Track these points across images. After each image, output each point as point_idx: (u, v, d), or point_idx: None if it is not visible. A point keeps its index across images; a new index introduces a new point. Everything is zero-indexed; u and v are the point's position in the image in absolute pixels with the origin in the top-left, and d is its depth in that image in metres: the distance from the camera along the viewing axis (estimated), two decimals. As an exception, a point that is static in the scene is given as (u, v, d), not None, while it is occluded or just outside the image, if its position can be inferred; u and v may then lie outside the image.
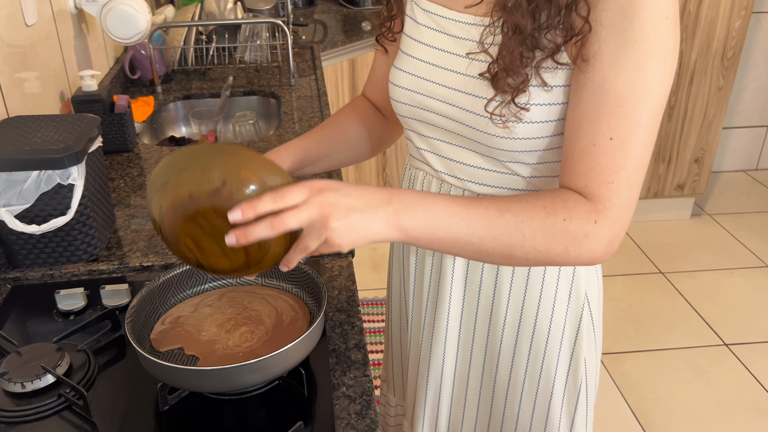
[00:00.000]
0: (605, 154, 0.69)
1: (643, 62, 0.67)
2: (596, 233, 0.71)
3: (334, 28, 2.56)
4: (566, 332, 0.91)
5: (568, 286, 0.89)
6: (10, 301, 1.03)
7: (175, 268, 0.92)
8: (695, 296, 2.60)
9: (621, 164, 0.69)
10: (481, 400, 1.00)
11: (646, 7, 0.66)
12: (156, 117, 1.83)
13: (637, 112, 0.68)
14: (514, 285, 0.89)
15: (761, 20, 3.19)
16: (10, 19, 1.25)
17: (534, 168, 0.80)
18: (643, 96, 0.68)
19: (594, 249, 0.72)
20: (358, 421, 0.79)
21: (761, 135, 3.50)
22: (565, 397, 0.95)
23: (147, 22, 1.64)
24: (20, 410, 0.80)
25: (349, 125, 0.98)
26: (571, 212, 0.71)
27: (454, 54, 0.80)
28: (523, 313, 0.90)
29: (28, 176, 1.00)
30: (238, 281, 0.97)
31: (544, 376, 0.93)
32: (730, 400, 2.12)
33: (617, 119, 0.68)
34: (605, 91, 0.68)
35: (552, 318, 0.90)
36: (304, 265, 0.92)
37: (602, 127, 0.69)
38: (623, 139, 0.69)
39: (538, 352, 0.92)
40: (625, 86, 0.68)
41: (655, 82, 0.68)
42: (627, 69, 0.67)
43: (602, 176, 0.70)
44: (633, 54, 0.67)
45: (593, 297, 0.92)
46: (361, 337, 0.93)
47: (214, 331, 0.86)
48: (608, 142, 0.69)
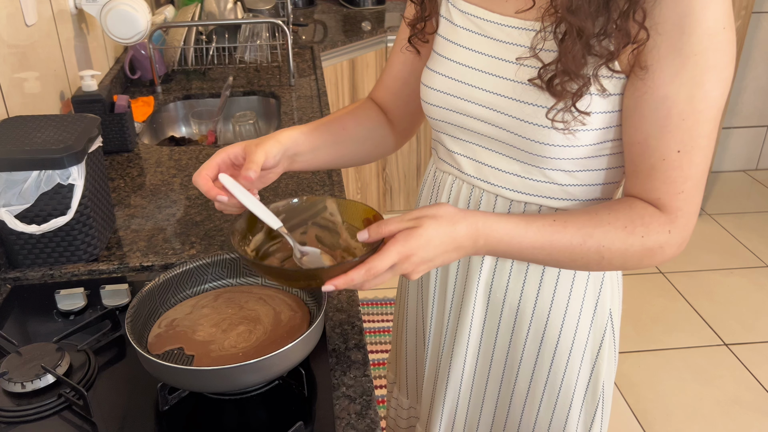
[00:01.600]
0: (674, 168, 0.72)
1: (702, 76, 0.68)
2: (670, 242, 0.74)
3: (334, 28, 2.56)
4: (588, 348, 0.90)
5: (593, 301, 0.88)
6: (10, 301, 1.03)
7: (175, 269, 0.92)
8: (695, 296, 2.60)
9: (689, 174, 0.72)
10: (498, 411, 0.98)
11: (704, 21, 0.66)
12: (156, 117, 1.83)
13: (701, 123, 0.70)
14: (540, 297, 0.87)
15: (761, 20, 3.19)
16: (10, 19, 1.25)
17: (572, 176, 0.80)
18: (705, 108, 0.69)
19: (666, 256, 0.76)
20: (358, 421, 0.79)
21: (761, 135, 3.50)
22: (583, 412, 0.94)
23: (147, 22, 1.65)
24: (20, 410, 0.80)
25: (350, 123, 0.96)
26: (649, 227, 0.74)
27: (497, 58, 0.78)
28: (548, 325, 0.88)
29: (28, 176, 1.00)
30: (237, 281, 0.97)
31: (563, 389, 0.92)
32: (730, 400, 2.12)
33: (682, 133, 0.70)
34: (668, 108, 0.69)
35: (576, 332, 0.89)
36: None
37: (669, 142, 0.71)
38: (689, 151, 0.71)
39: (560, 365, 0.90)
40: (687, 101, 0.69)
41: (714, 92, 0.69)
42: (687, 84, 0.68)
43: (673, 188, 0.73)
44: (692, 68, 0.67)
45: (616, 314, 0.91)
46: (361, 337, 0.93)
47: (210, 331, 0.86)
48: (676, 156, 0.71)
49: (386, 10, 2.82)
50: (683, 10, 0.66)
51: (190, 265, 0.93)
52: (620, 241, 0.74)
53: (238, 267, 0.96)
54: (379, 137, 0.98)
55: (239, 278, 0.97)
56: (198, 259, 0.94)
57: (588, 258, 0.76)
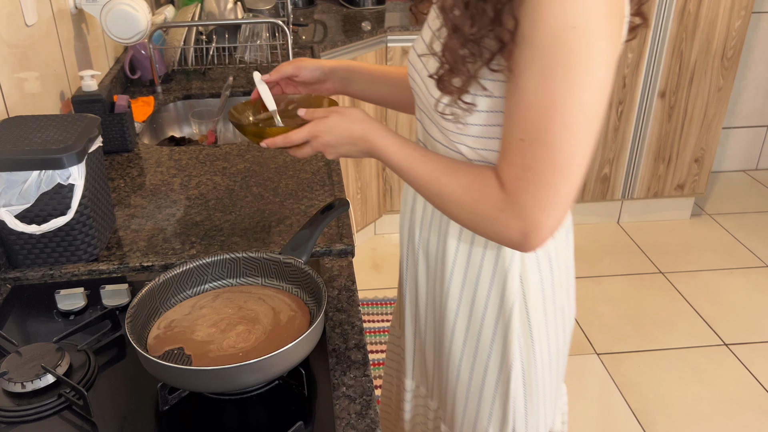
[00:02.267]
0: (516, 153, 0.75)
1: (549, 72, 0.69)
2: (501, 221, 0.78)
3: (334, 28, 2.56)
4: (501, 316, 0.94)
5: (503, 274, 0.92)
6: (10, 301, 1.03)
7: (175, 269, 0.92)
8: (695, 296, 2.60)
9: (530, 165, 0.74)
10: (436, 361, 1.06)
11: (550, 17, 0.67)
12: (156, 117, 1.83)
13: (546, 119, 0.71)
14: (457, 260, 0.94)
15: (761, 20, 3.19)
16: (10, 19, 1.25)
17: (476, 153, 0.85)
18: (550, 105, 0.71)
19: (503, 235, 0.79)
20: (358, 421, 0.79)
21: (761, 135, 3.50)
22: (499, 388, 0.98)
23: (147, 22, 1.65)
24: (20, 410, 0.80)
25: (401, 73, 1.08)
26: (484, 196, 0.79)
27: (426, 44, 0.88)
28: (464, 285, 0.95)
29: (29, 176, 1.00)
30: (238, 281, 0.97)
31: (480, 352, 0.98)
32: (730, 400, 2.12)
33: (525, 123, 0.73)
34: (519, 96, 0.73)
35: (488, 298, 0.94)
36: (304, 265, 0.92)
37: (515, 128, 0.74)
38: (532, 142, 0.73)
39: (475, 327, 0.96)
40: (534, 93, 0.71)
41: (564, 91, 0.70)
42: (535, 76, 0.70)
43: (513, 172, 0.76)
44: (539, 61, 0.70)
45: (531, 288, 0.93)
46: (361, 337, 0.93)
47: (209, 331, 0.86)
48: (519, 143, 0.74)
49: (386, 10, 2.82)
50: (534, 4, 0.68)
51: (190, 265, 0.93)
52: (456, 195, 0.82)
53: (239, 267, 0.96)
54: None
55: (239, 278, 0.97)
56: (198, 259, 0.94)
57: (433, 200, 0.86)
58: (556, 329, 0.98)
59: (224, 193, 1.32)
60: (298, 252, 0.95)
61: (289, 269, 0.94)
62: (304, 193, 1.31)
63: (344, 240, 1.14)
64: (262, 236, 1.16)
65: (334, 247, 1.13)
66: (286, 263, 0.94)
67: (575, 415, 2.06)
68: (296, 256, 0.94)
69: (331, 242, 1.14)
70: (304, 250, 0.96)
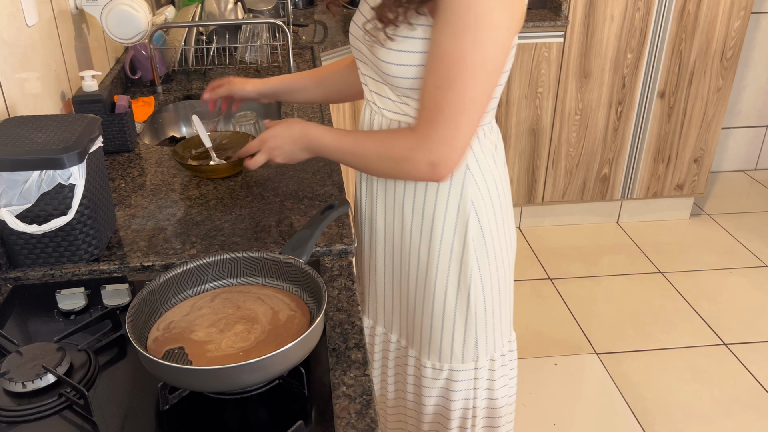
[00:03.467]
0: (430, 99, 0.92)
1: (459, 32, 0.86)
2: (413, 158, 0.95)
3: (334, 29, 2.56)
4: (455, 240, 1.09)
5: (456, 199, 1.07)
6: (10, 300, 1.03)
7: (176, 268, 0.92)
8: (695, 296, 2.61)
9: (441, 108, 0.91)
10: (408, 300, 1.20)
11: None
12: (156, 117, 1.83)
13: (456, 70, 0.88)
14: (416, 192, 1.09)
15: (761, 20, 3.19)
16: (11, 20, 1.25)
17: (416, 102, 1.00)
18: (461, 58, 0.87)
19: (415, 171, 0.97)
20: (358, 420, 0.79)
21: (760, 135, 3.50)
22: (459, 296, 1.13)
23: (147, 23, 1.65)
24: (21, 410, 0.80)
25: (332, 66, 1.29)
26: (396, 142, 0.97)
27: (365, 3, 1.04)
28: (423, 218, 1.10)
29: (29, 176, 1.00)
30: (238, 281, 0.97)
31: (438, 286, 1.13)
32: (730, 400, 2.12)
33: (439, 73, 0.89)
34: (434, 50, 0.89)
35: (443, 226, 1.09)
36: (304, 264, 0.93)
37: (430, 77, 0.91)
38: (443, 89, 0.89)
39: (432, 260, 1.12)
40: (447, 49, 0.88)
41: (471, 48, 0.86)
42: (447, 35, 0.87)
43: (425, 114, 0.93)
44: (452, 24, 0.86)
45: (482, 210, 1.08)
46: (361, 337, 0.93)
47: (208, 331, 0.86)
48: (433, 90, 0.91)
49: (386, 11, 2.82)
50: None
51: (190, 264, 0.93)
52: (374, 149, 0.99)
53: (239, 267, 0.96)
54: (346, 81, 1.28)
55: (240, 278, 0.97)
56: (198, 259, 0.94)
57: (357, 162, 1.04)
58: (503, 249, 1.14)
59: (224, 193, 1.32)
60: (298, 252, 0.95)
61: (290, 269, 0.94)
62: (304, 193, 1.31)
63: (344, 240, 1.15)
64: (262, 236, 1.16)
65: (334, 247, 1.13)
66: (287, 263, 0.94)
67: (574, 415, 2.06)
68: (296, 256, 0.94)
69: (331, 242, 1.14)
70: (304, 250, 0.96)
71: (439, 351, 1.18)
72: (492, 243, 1.11)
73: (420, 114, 0.94)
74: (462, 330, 1.15)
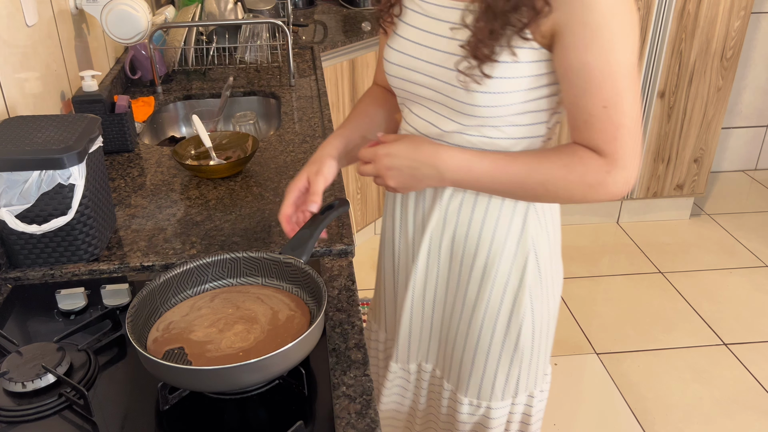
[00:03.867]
0: (603, 120, 0.84)
1: (611, 43, 0.80)
2: (609, 180, 0.87)
3: (334, 29, 2.56)
4: (512, 277, 1.02)
5: (516, 237, 1.00)
6: (10, 300, 1.03)
7: (176, 268, 0.92)
8: (695, 296, 2.61)
9: (619, 123, 0.84)
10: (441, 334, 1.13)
11: None
12: (156, 117, 1.83)
13: (618, 81, 0.82)
14: (471, 226, 1.01)
15: (761, 20, 3.19)
16: (11, 20, 1.25)
17: (500, 130, 0.91)
18: (619, 68, 0.81)
19: (610, 192, 0.88)
20: (358, 420, 0.79)
21: (760, 135, 3.50)
22: (507, 336, 1.06)
23: (147, 23, 1.65)
24: (21, 410, 0.80)
25: (371, 110, 1.12)
26: (588, 168, 0.87)
27: (433, 33, 0.92)
28: (477, 253, 1.02)
29: (29, 176, 1.00)
30: (238, 281, 0.97)
31: (487, 319, 1.05)
32: (730, 400, 2.12)
33: (604, 92, 0.83)
34: (588, 72, 0.82)
35: (500, 261, 1.02)
36: (304, 264, 0.93)
37: (594, 100, 0.83)
38: (614, 104, 0.83)
39: (484, 293, 1.04)
40: (604, 65, 0.81)
41: (624, 53, 0.81)
42: (600, 51, 0.80)
43: (607, 137, 0.85)
44: (600, 38, 0.80)
45: (541, 248, 1.02)
46: (361, 337, 0.93)
47: (207, 331, 0.86)
48: (603, 110, 0.84)
49: (386, 11, 2.82)
50: None
51: (190, 264, 0.93)
52: (561, 177, 0.88)
53: (239, 267, 0.96)
54: (395, 113, 1.13)
55: (240, 278, 0.97)
56: (198, 259, 0.94)
57: (535, 190, 0.90)
58: (554, 287, 1.08)
59: (224, 193, 1.32)
60: (298, 252, 0.95)
61: (290, 269, 0.94)
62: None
63: (344, 240, 1.15)
64: (262, 236, 1.16)
65: (334, 247, 1.13)
66: (287, 263, 0.94)
67: (574, 415, 2.06)
68: (296, 256, 0.94)
69: (331, 242, 1.14)
70: (304, 250, 0.96)
71: (478, 389, 1.11)
72: (547, 280, 1.05)
73: (595, 136, 0.86)
74: (506, 369, 1.09)
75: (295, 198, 1.00)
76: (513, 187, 0.91)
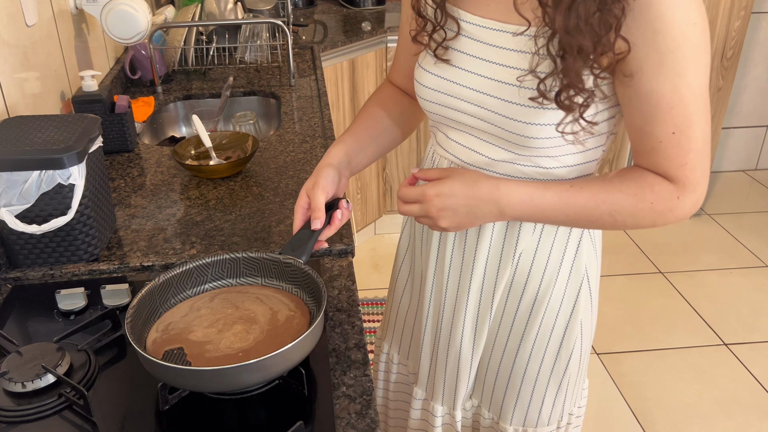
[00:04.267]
0: (672, 146, 0.80)
1: (682, 68, 0.75)
2: (680, 206, 0.83)
3: (334, 29, 2.56)
4: (564, 303, 0.99)
5: (570, 262, 0.97)
6: (10, 300, 1.03)
7: (175, 269, 0.92)
8: (695, 296, 2.60)
9: (689, 148, 0.79)
10: (490, 367, 1.08)
11: (674, 22, 0.72)
12: (156, 117, 1.83)
13: (689, 106, 0.77)
14: (522, 258, 0.96)
15: (761, 20, 3.19)
16: (11, 20, 1.25)
17: (556, 159, 0.87)
18: (689, 93, 0.76)
19: (678, 216, 0.84)
20: (358, 420, 0.79)
21: (761, 135, 3.50)
22: (554, 370, 1.03)
23: (147, 23, 1.65)
24: (21, 410, 0.80)
25: (379, 114, 1.06)
26: (658, 195, 0.83)
27: (484, 59, 0.85)
28: (528, 282, 0.98)
29: (29, 176, 1.00)
30: (238, 281, 0.97)
31: (536, 346, 1.01)
32: (730, 400, 2.12)
33: (673, 118, 0.78)
34: (656, 100, 0.77)
35: (553, 289, 0.97)
36: (304, 265, 0.93)
37: (662, 127, 0.79)
38: (683, 130, 0.78)
39: (535, 321, 0.99)
40: (672, 91, 0.76)
41: (696, 78, 0.76)
42: (669, 77, 0.75)
43: (676, 162, 0.81)
44: (671, 63, 0.75)
45: (592, 274, 1.00)
46: (361, 337, 0.93)
47: (206, 332, 0.86)
48: (672, 137, 0.79)
49: (386, 11, 2.82)
50: (654, 15, 0.72)
51: (190, 265, 0.93)
52: (631, 206, 0.83)
53: (239, 267, 0.96)
54: (408, 115, 1.08)
55: (239, 278, 0.97)
56: (198, 259, 0.94)
57: (603, 220, 0.85)
58: (596, 309, 1.05)
59: (224, 193, 1.32)
60: (298, 252, 0.95)
61: (289, 269, 0.94)
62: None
63: (344, 240, 1.15)
64: (262, 236, 1.16)
65: (334, 247, 1.13)
66: (286, 263, 0.94)
67: (575, 415, 2.06)
68: (296, 256, 0.94)
69: (331, 242, 1.14)
70: (304, 250, 0.96)
71: (524, 416, 1.07)
72: (595, 302, 1.02)
73: (663, 162, 0.81)
74: (553, 395, 1.05)
75: (303, 218, 0.95)
76: (579, 218, 0.86)
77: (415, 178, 0.93)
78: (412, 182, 0.93)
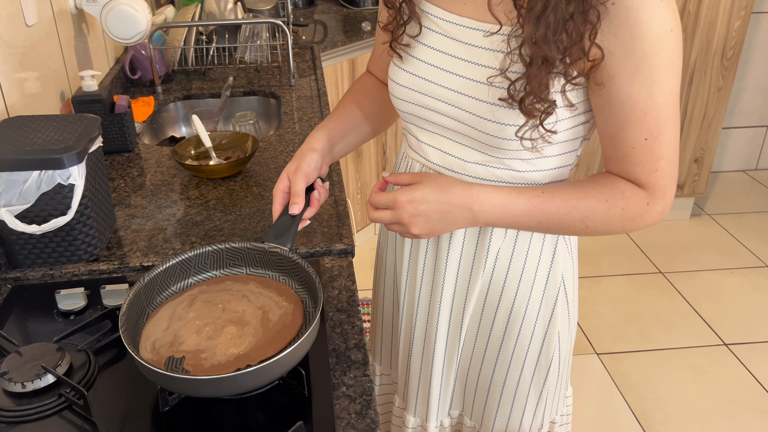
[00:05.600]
0: (644, 152, 0.80)
1: (657, 74, 0.75)
2: (649, 212, 0.84)
3: (334, 29, 2.56)
4: (541, 312, 0.98)
5: (546, 271, 0.96)
6: (10, 301, 1.03)
7: (157, 267, 0.89)
8: (695, 296, 2.60)
9: (660, 154, 0.80)
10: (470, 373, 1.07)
11: (652, 28, 0.72)
12: (156, 117, 1.83)
13: (662, 112, 0.77)
14: (497, 266, 0.96)
15: (761, 20, 3.19)
16: (11, 20, 1.25)
17: (529, 163, 0.87)
18: (663, 100, 0.77)
19: (647, 222, 0.85)
20: (358, 421, 0.79)
21: (761, 135, 3.50)
22: (535, 376, 1.02)
23: (147, 23, 1.65)
24: (21, 410, 0.80)
25: (363, 101, 1.05)
26: (629, 201, 0.83)
27: (459, 58, 0.84)
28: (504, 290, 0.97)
29: (29, 176, 1.00)
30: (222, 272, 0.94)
31: (516, 353, 1.00)
32: (730, 400, 2.12)
33: (647, 124, 0.78)
34: (631, 106, 0.77)
35: (530, 297, 0.97)
36: (291, 252, 0.90)
37: (635, 133, 0.79)
38: (656, 136, 0.79)
39: (514, 328, 0.99)
40: (647, 98, 0.76)
41: (670, 86, 0.76)
42: (645, 83, 0.75)
43: (647, 169, 0.81)
44: (647, 69, 0.74)
45: (569, 281, 0.99)
46: (361, 337, 0.93)
47: (197, 339, 0.82)
48: (644, 143, 0.79)
49: (386, 10, 2.82)
50: (633, 21, 0.72)
51: (172, 261, 0.90)
52: (602, 212, 0.84)
53: (222, 258, 0.94)
54: (387, 104, 1.06)
55: (224, 269, 0.94)
56: (180, 255, 0.91)
57: (574, 226, 0.85)
58: (575, 315, 1.04)
59: (224, 193, 1.32)
60: (282, 240, 0.91)
61: (275, 258, 0.92)
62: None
63: (344, 240, 1.15)
64: (262, 236, 1.16)
65: (334, 247, 1.13)
66: (271, 252, 0.91)
67: (575, 415, 2.06)
68: (280, 244, 0.90)
69: (331, 242, 1.14)
70: (288, 237, 0.91)
71: (505, 425, 1.07)
72: (572, 309, 1.01)
73: (634, 169, 0.82)
74: (534, 403, 1.05)
75: (282, 201, 0.93)
76: (550, 224, 0.85)
77: (386, 182, 0.91)
78: (383, 187, 0.91)
